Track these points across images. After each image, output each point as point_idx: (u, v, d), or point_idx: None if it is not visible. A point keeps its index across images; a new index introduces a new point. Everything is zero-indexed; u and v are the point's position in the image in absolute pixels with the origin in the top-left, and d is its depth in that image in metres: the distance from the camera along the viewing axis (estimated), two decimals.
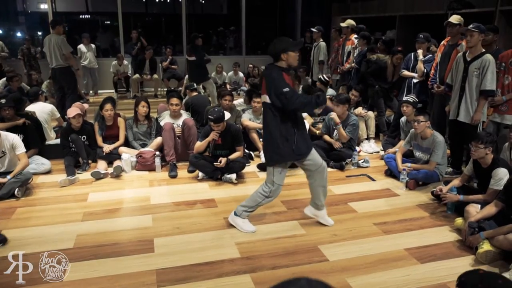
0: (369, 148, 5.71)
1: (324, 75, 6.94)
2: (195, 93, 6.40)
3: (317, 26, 7.98)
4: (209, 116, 4.42)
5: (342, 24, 7.33)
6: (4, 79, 7.83)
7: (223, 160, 4.43)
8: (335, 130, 5.17)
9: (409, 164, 4.54)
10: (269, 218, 3.74)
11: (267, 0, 13.92)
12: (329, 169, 4.96)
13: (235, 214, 3.49)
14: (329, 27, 9.75)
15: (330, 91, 6.97)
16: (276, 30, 13.32)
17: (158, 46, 12.05)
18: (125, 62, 9.91)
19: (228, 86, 9.77)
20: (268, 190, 3.34)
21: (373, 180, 4.70)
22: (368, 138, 5.82)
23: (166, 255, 3.10)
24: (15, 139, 4.33)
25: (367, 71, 6.24)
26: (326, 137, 5.27)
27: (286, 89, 3.03)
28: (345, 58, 7.17)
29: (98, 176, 4.68)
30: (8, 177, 4.13)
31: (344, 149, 5.10)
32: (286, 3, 12.85)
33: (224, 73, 10.35)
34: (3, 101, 4.89)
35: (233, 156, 4.57)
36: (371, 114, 5.94)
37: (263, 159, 5.11)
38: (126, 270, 2.90)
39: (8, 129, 4.62)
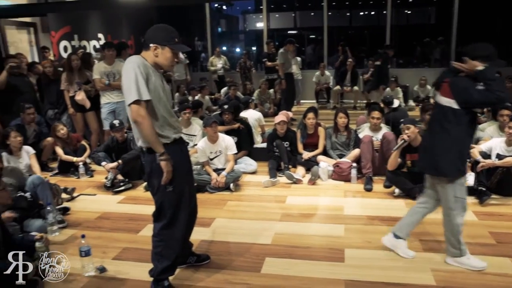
0: None
1: None
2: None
3: None
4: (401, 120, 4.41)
5: None
6: (226, 88, 9.05)
7: None
8: None
9: None
10: (473, 249, 3.30)
11: (485, 4, 12.47)
12: None
13: (453, 256, 3.06)
14: None
15: None
16: (494, 37, 11.82)
17: (360, 58, 12.09)
18: (327, 73, 10.26)
19: (431, 100, 9.12)
20: (453, 210, 2.91)
21: None
22: None
23: (355, 267, 3.08)
24: (230, 141, 4.98)
25: None
26: None
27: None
28: None
29: (290, 178, 4.94)
30: (224, 173, 4.73)
31: None
32: (510, 5, 11.24)
33: (428, 87, 9.70)
34: (226, 106, 5.67)
35: None
36: None
37: (469, 182, 4.59)
38: (316, 275, 2.99)
39: (226, 132, 5.33)
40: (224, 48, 16.45)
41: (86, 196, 4.80)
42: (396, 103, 6.41)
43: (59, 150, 5.46)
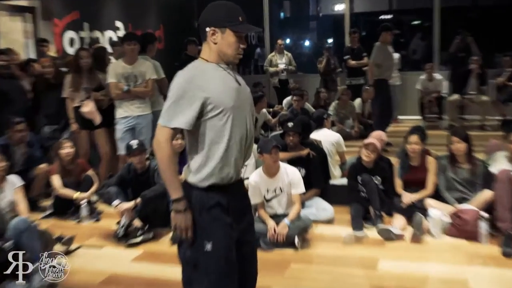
0: None
1: None
2: None
3: None
4: None
5: None
6: (289, 98, 9.00)
7: None
8: None
9: None
10: None
11: None
12: None
13: None
14: None
15: None
16: None
17: (490, 54, 11.61)
18: (438, 76, 9.99)
19: None
20: None
21: None
22: None
23: None
24: (296, 174, 4.90)
25: None
26: None
27: None
28: None
29: (387, 236, 4.77)
30: (286, 221, 4.63)
31: None
32: None
33: None
34: (290, 124, 5.57)
35: None
36: None
37: None
38: None
39: (290, 161, 5.22)
40: (288, 41, 16.57)
41: (88, 249, 4.88)
42: None
43: (55, 181, 5.60)
